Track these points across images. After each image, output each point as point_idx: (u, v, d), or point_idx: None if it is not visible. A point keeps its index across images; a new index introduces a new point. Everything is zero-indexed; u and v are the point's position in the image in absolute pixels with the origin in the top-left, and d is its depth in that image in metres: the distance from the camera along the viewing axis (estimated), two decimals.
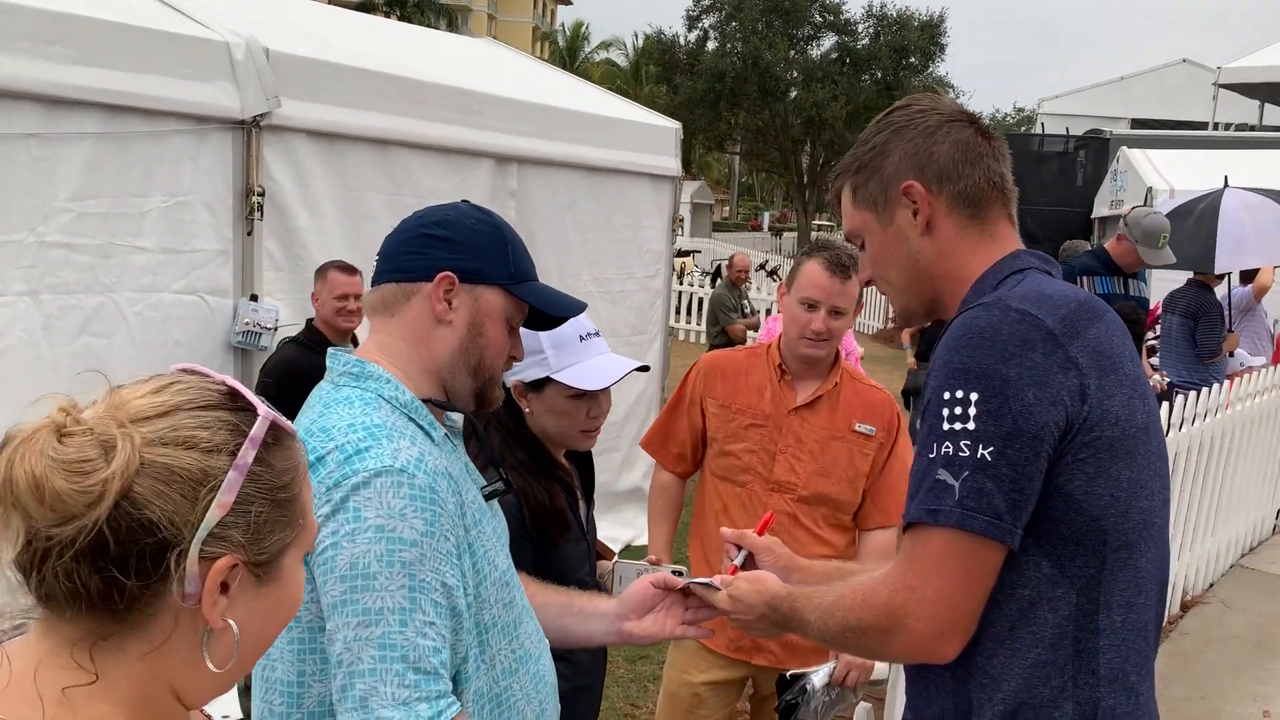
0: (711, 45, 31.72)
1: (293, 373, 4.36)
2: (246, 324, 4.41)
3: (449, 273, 1.59)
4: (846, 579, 1.74)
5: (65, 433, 0.88)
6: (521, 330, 1.71)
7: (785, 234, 41.49)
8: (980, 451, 1.28)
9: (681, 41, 32.25)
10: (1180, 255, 4.99)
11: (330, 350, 1.65)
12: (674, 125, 7.01)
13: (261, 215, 4.45)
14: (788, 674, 2.66)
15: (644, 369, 2.37)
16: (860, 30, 31.46)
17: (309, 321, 4.56)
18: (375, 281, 1.67)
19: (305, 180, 4.65)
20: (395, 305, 1.62)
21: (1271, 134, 19.58)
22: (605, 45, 56.91)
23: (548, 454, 2.25)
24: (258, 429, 0.93)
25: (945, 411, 1.32)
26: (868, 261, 1.63)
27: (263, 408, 0.96)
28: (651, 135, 6.78)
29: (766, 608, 1.62)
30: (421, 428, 1.57)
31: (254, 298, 4.47)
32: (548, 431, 2.24)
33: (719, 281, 10.78)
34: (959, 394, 1.31)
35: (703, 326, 15.96)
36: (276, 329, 4.50)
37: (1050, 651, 1.31)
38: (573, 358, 2.18)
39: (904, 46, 30.34)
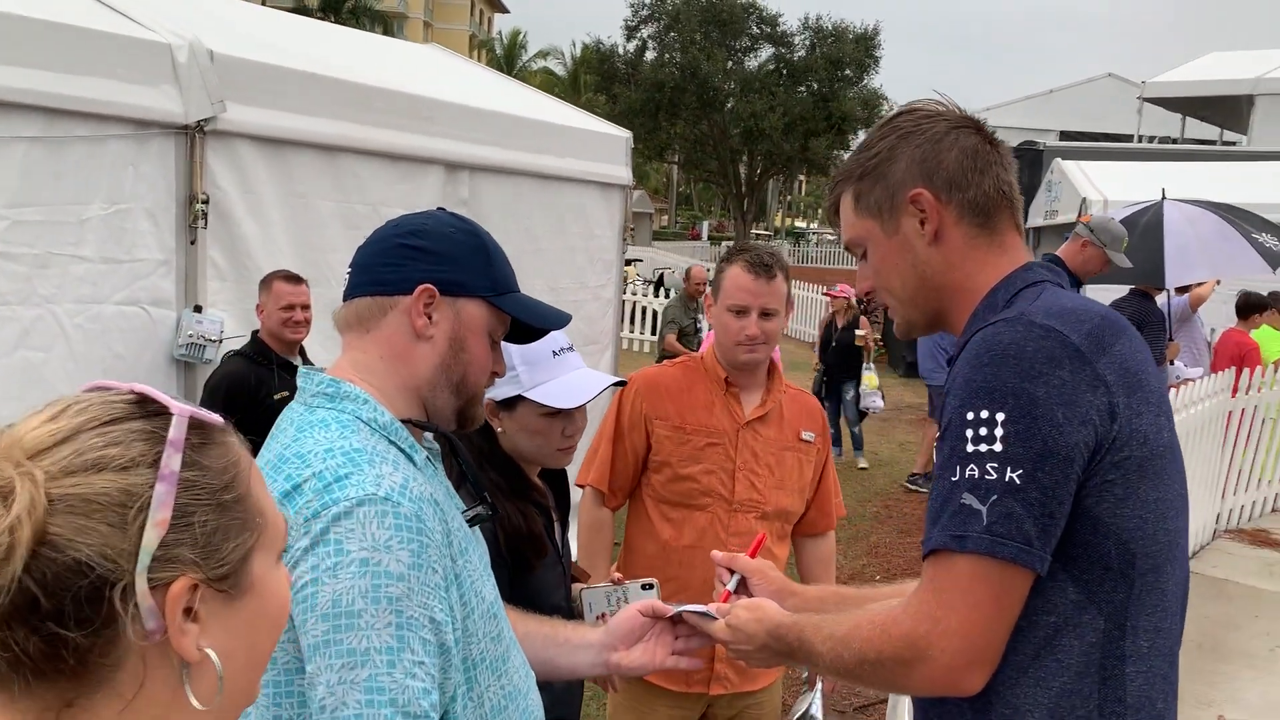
0: (650, 55, 31.82)
1: (239, 386, 4.23)
2: (190, 336, 4.25)
3: (429, 285, 1.50)
4: (852, 606, 1.69)
5: None
6: None
7: (725, 243, 41.72)
8: (1009, 474, 1.22)
9: (620, 51, 32.29)
10: (1131, 271, 5.06)
11: (301, 369, 1.56)
12: (624, 134, 6.96)
13: (205, 223, 4.29)
14: (786, 713, 2.59)
15: (621, 384, 2.30)
16: (797, 42, 31.82)
17: (254, 333, 4.41)
18: (349, 295, 1.57)
19: (251, 187, 4.50)
20: (371, 320, 1.52)
21: (1193, 146, 20.20)
22: (543, 54, 56.80)
23: (522, 474, 2.16)
24: (175, 430, 0.82)
25: (969, 433, 1.26)
26: (868, 271, 1.56)
27: (177, 405, 0.85)
28: (603, 143, 6.72)
29: (769, 637, 1.54)
30: (403, 451, 1.48)
31: (198, 309, 4.30)
32: (522, 451, 2.15)
33: (673, 294, 10.69)
34: (984, 414, 1.25)
35: (646, 335, 15.94)
36: (221, 341, 4.35)
37: (1076, 680, 1.26)
38: (545, 374, 2.10)
39: (839, 58, 30.73)
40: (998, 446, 1.23)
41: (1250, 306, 7.49)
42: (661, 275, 18.58)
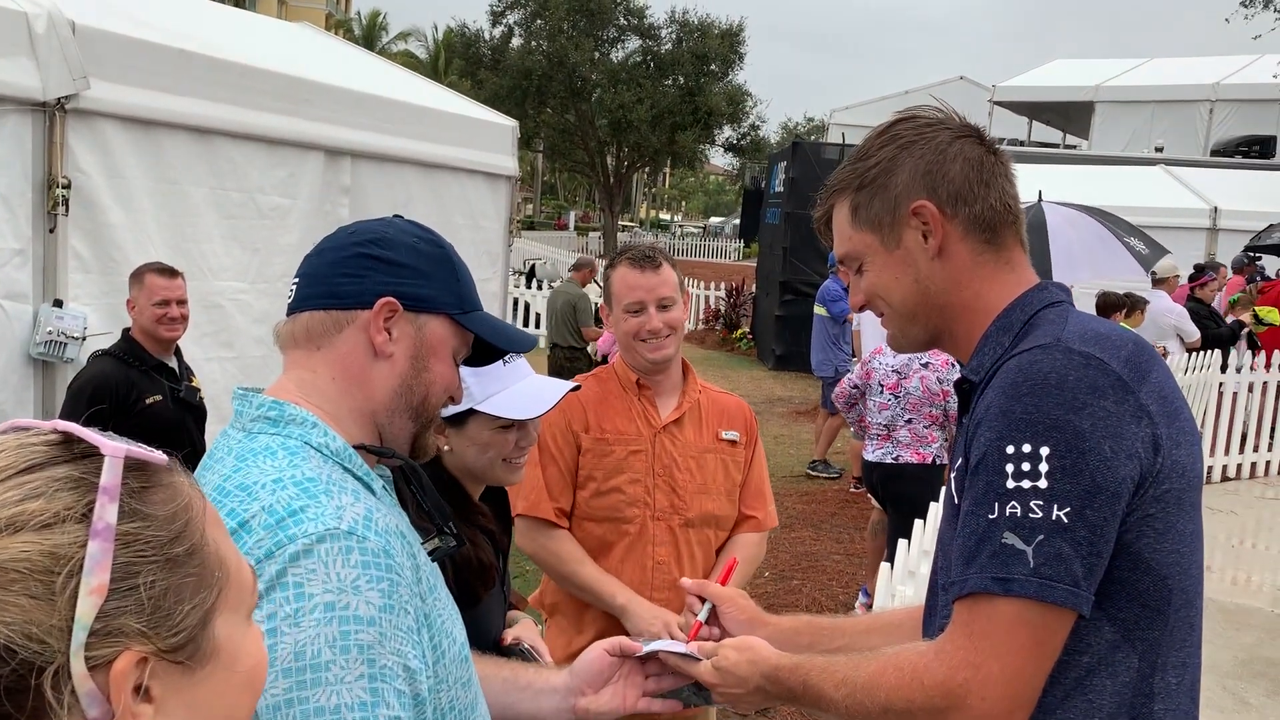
0: (516, 42, 31.42)
1: (106, 389, 3.89)
2: (49, 333, 3.89)
3: (391, 298, 1.35)
4: (829, 638, 1.61)
5: None
6: None
7: (591, 233, 41.63)
8: (1056, 512, 1.15)
9: (486, 36, 31.79)
10: None
11: (237, 390, 1.37)
12: (511, 123, 6.78)
13: (66, 210, 3.94)
14: None
15: (576, 388, 2.17)
16: (664, 35, 31.94)
17: (125, 331, 4.06)
18: (296, 308, 1.39)
19: (117, 171, 4.16)
20: (323, 337, 1.36)
21: (1040, 149, 21.20)
22: (404, 36, 55.46)
23: (468, 497, 2.02)
24: (108, 475, 0.68)
25: (1009, 468, 1.18)
26: (864, 286, 1.46)
27: (110, 443, 0.70)
28: (489, 132, 6.53)
29: (764, 680, 1.44)
30: (359, 478, 1.33)
31: (58, 303, 3.95)
32: (471, 468, 2.00)
33: (565, 281, 10.55)
34: (1025, 448, 1.18)
35: (530, 329, 15.70)
36: (85, 339, 4.00)
37: None
38: (497, 384, 1.96)
39: (705, 53, 30.99)
40: (1042, 483, 1.16)
41: (1109, 305, 7.82)
42: (532, 266, 18.33)
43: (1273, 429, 9.10)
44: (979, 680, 1.18)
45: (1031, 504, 1.16)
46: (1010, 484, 1.18)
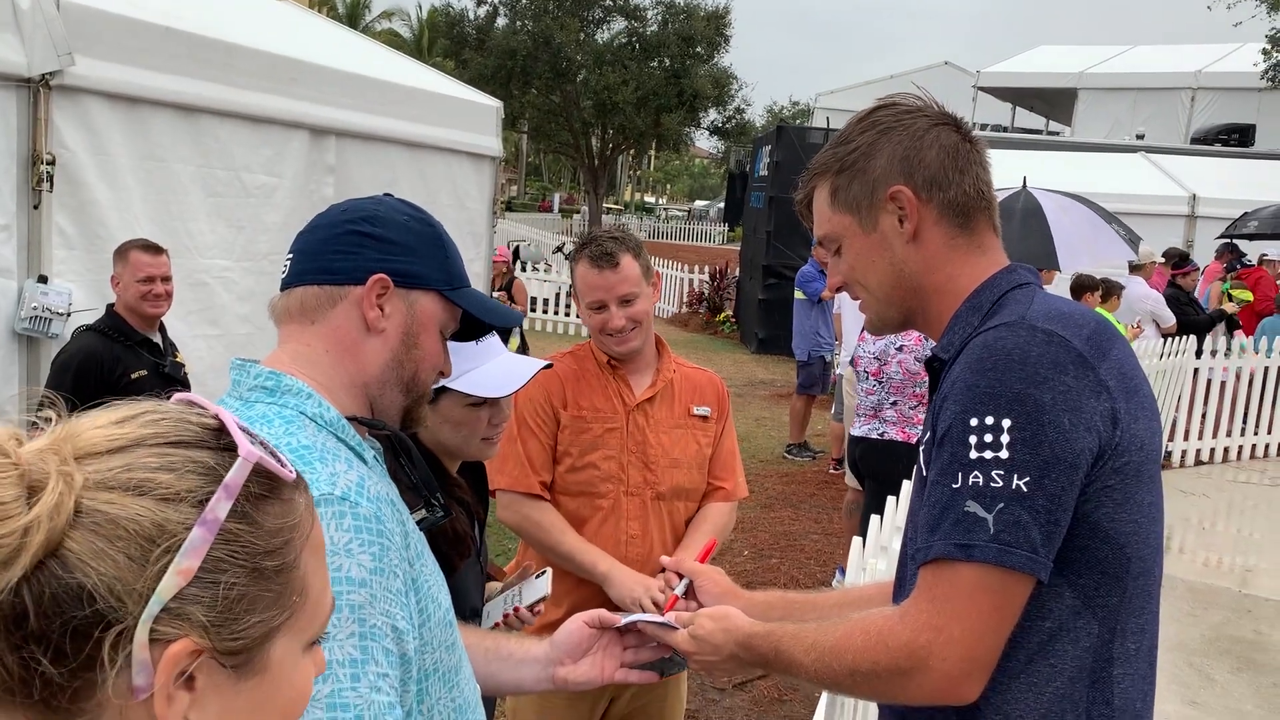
0: (501, 22, 31.26)
1: (91, 364, 3.91)
2: (34, 309, 3.91)
3: (383, 275, 1.39)
4: (801, 611, 1.67)
5: None
6: None
7: (575, 215, 41.53)
8: (1015, 481, 1.21)
9: (470, 16, 31.62)
10: (1024, 253, 5.23)
11: (234, 360, 1.41)
12: (495, 103, 6.79)
13: (51, 186, 3.95)
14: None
15: (548, 366, 2.22)
16: (649, 17, 31.84)
17: (109, 307, 4.08)
18: (290, 283, 1.44)
19: (103, 148, 4.16)
20: (317, 311, 1.40)
21: (1023, 136, 21.29)
22: (387, 15, 54.93)
23: (444, 471, 2.06)
24: (235, 474, 0.72)
25: (973, 439, 1.23)
26: (842, 267, 1.51)
27: (248, 446, 0.74)
28: (474, 113, 6.54)
29: (738, 647, 1.49)
30: (351, 448, 1.37)
31: (43, 279, 3.96)
32: (445, 444, 2.05)
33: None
34: (988, 420, 1.23)
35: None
36: (70, 315, 4.02)
37: (1069, 685, 1.27)
38: (469, 362, 2.00)
39: (691, 35, 30.92)
40: (1004, 454, 1.22)
41: (1082, 287, 7.93)
42: (517, 248, 18.31)
43: (1245, 414, 9.24)
44: (940, 642, 1.23)
45: (993, 473, 1.22)
46: (973, 454, 1.23)
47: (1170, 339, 8.73)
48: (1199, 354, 8.92)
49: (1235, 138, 19.54)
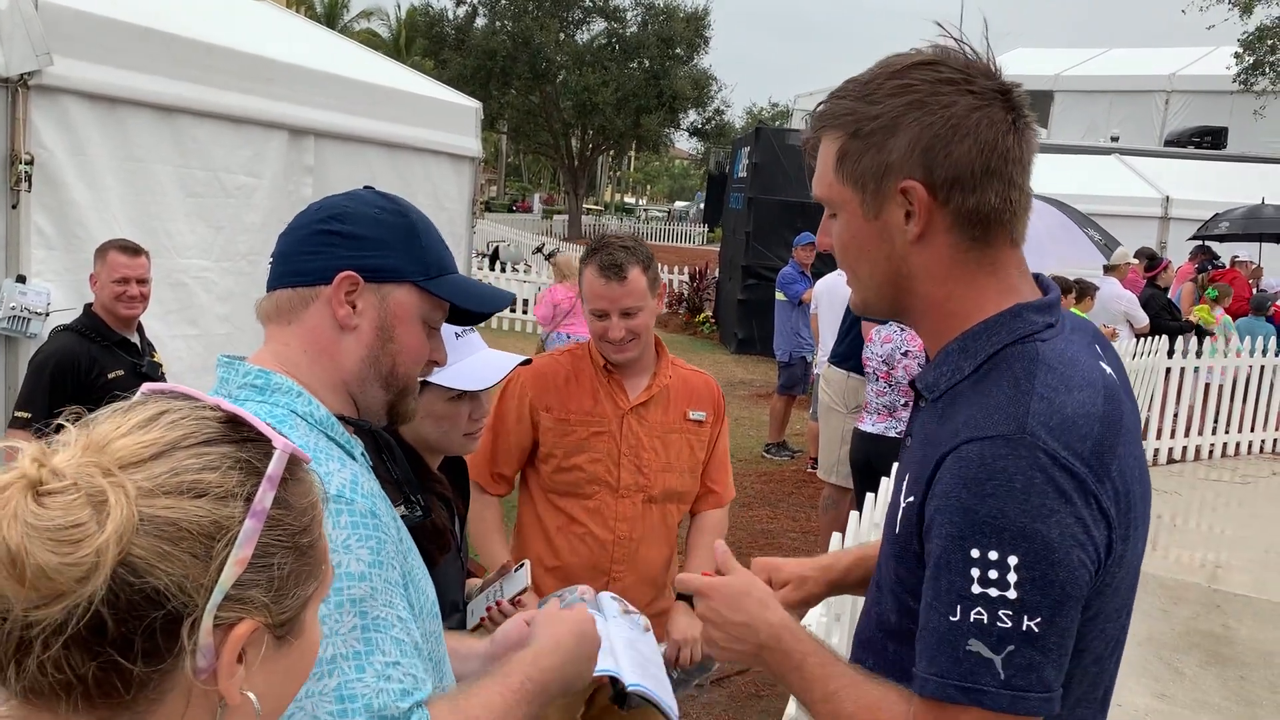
0: (481, 22, 31.23)
1: (69, 364, 3.90)
2: (13, 308, 3.91)
3: (350, 272, 1.39)
4: (846, 570, 1.67)
5: (44, 490, 0.70)
6: None
7: (556, 216, 41.51)
8: (1026, 623, 1.12)
9: (449, 16, 31.58)
10: None
11: (221, 358, 1.43)
12: (474, 104, 6.81)
13: (29, 186, 3.94)
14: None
15: (526, 363, 2.25)
16: (629, 18, 31.90)
17: (87, 307, 4.08)
18: (271, 286, 1.46)
19: (81, 148, 4.16)
20: (292, 313, 1.41)
21: None
22: (366, 14, 54.64)
23: (425, 465, 2.09)
24: (275, 466, 0.78)
25: (975, 572, 1.13)
26: (835, 241, 1.35)
27: (279, 437, 0.80)
28: (453, 114, 6.55)
29: (764, 624, 1.36)
30: (341, 446, 1.39)
31: (21, 279, 3.96)
32: (426, 438, 2.07)
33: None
34: (992, 555, 1.13)
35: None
36: (48, 314, 4.01)
37: None
38: (449, 358, 2.03)
39: (670, 37, 30.99)
40: (1011, 594, 1.12)
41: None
42: (496, 249, 18.30)
43: (1215, 414, 9.36)
44: None
45: (1000, 613, 1.13)
46: (975, 589, 1.14)
47: (1141, 339, 8.84)
48: (1170, 354, 9.03)
49: (1208, 140, 19.74)
